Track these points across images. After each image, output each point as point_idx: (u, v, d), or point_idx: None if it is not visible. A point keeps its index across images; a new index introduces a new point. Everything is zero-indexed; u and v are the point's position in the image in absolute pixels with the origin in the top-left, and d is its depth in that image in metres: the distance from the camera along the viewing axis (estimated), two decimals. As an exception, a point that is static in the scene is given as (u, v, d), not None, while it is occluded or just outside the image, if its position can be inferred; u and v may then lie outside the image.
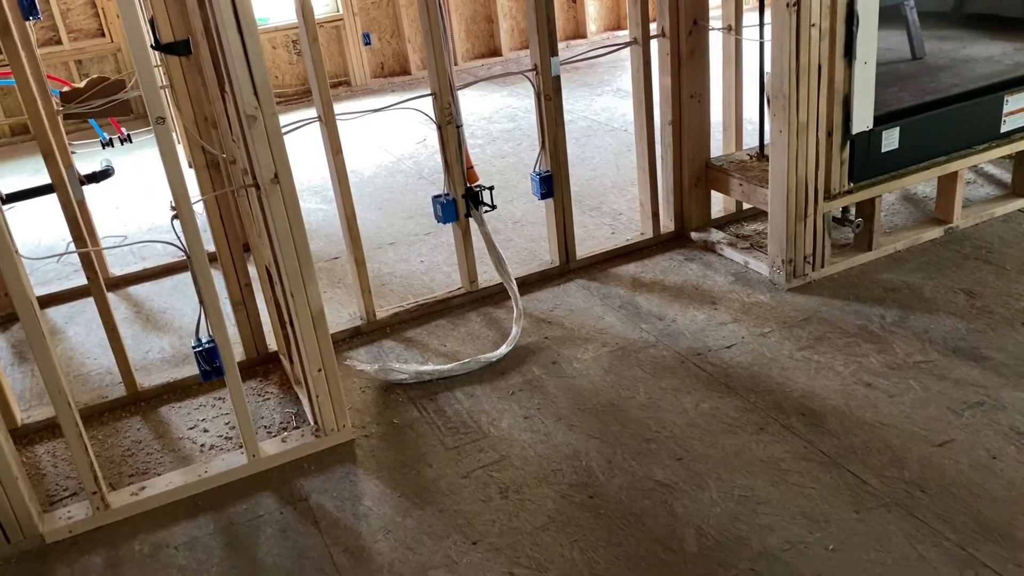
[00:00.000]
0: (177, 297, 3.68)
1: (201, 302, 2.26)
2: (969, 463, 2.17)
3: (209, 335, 2.28)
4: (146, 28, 2.37)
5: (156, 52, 2.48)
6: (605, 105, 5.90)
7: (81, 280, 3.80)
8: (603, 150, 4.97)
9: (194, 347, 2.29)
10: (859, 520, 2.03)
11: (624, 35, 7.72)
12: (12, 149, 6.48)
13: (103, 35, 6.72)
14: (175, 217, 2.17)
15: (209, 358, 2.29)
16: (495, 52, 7.72)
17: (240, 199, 2.74)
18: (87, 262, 2.71)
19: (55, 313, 3.64)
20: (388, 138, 5.71)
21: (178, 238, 2.19)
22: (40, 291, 3.74)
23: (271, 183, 2.21)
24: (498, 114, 6.05)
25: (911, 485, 2.11)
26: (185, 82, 2.61)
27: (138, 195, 5.08)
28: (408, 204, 4.49)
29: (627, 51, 3.38)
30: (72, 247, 2.69)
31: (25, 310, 2.08)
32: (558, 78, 3.16)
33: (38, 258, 3.83)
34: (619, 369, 2.74)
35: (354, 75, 7.27)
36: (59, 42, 6.57)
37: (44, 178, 2.77)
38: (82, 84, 3.48)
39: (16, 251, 2.06)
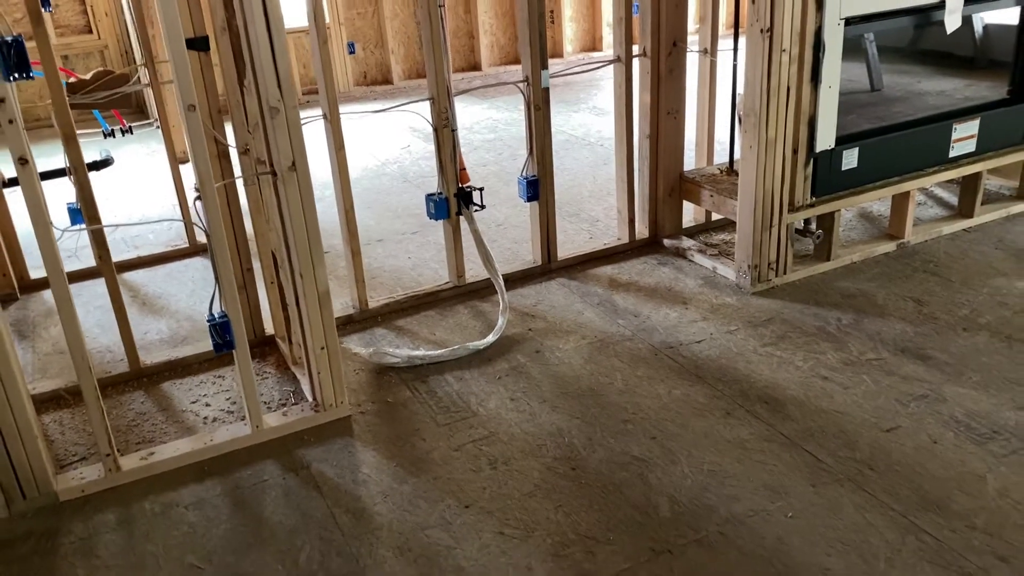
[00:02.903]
0: (171, 284, 3.82)
1: (217, 279, 2.42)
2: (913, 446, 2.41)
3: (222, 310, 2.44)
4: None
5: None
6: (582, 121, 6.15)
7: (77, 264, 3.92)
8: (580, 162, 5.21)
9: (208, 320, 2.45)
10: (815, 493, 2.26)
11: (598, 56, 8.02)
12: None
13: (90, 32, 6.82)
14: (198, 198, 2.34)
15: (222, 332, 2.45)
16: (475, 66, 7.96)
17: (249, 188, 2.90)
18: (100, 241, 2.85)
19: (51, 295, 3.74)
20: (374, 144, 5.90)
21: (200, 218, 2.36)
22: (36, 274, 3.85)
23: (288, 171, 2.39)
24: (479, 125, 6.28)
25: (861, 464, 2.35)
26: (203, 76, 2.78)
27: (127, 187, 5.19)
28: (394, 205, 4.68)
29: (602, 72, 3.62)
30: (74, 232, 2.83)
31: (56, 280, 2.23)
32: (547, 90, 3.39)
33: (69, 229, 3.92)
34: (598, 359, 2.95)
35: (337, 82, 7.44)
36: (45, 37, 6.65)
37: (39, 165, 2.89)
38: (88, 76, 3.61)
39: (50, 221, 2.22)
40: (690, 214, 3.97)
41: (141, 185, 5.25)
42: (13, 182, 3.46)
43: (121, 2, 6.41)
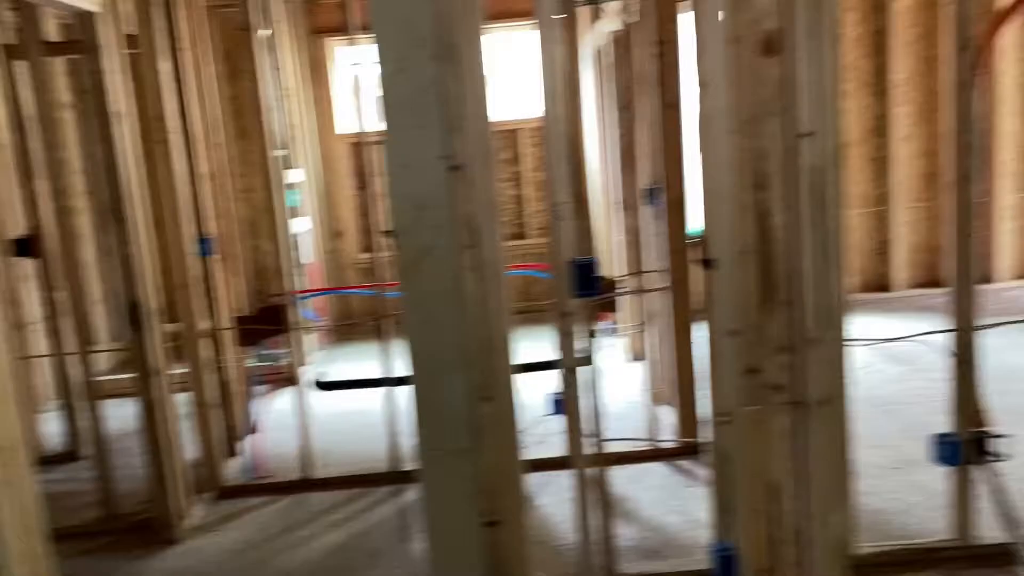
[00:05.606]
0: (633, 486, 3.81)
1: (724, 506, 2.30)
2: None
3: (731, 541, 2.30)
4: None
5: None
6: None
7: (543, 452, 4.08)
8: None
9: (714, 547, 2.32)
10: None
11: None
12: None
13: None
14: (724, 423, 2.28)
15: (725, 566, 2.30)
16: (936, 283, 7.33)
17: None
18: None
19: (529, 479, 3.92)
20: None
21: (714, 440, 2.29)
22: (511, 456, 4.11)
23: (819, 405, 2.24)
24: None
25: None
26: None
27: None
28: (861, 432, 4.27)
29: None
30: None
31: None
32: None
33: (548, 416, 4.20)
34: None
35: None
36: (521, 237, 7.58)
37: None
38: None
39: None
40: None
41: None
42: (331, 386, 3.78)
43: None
